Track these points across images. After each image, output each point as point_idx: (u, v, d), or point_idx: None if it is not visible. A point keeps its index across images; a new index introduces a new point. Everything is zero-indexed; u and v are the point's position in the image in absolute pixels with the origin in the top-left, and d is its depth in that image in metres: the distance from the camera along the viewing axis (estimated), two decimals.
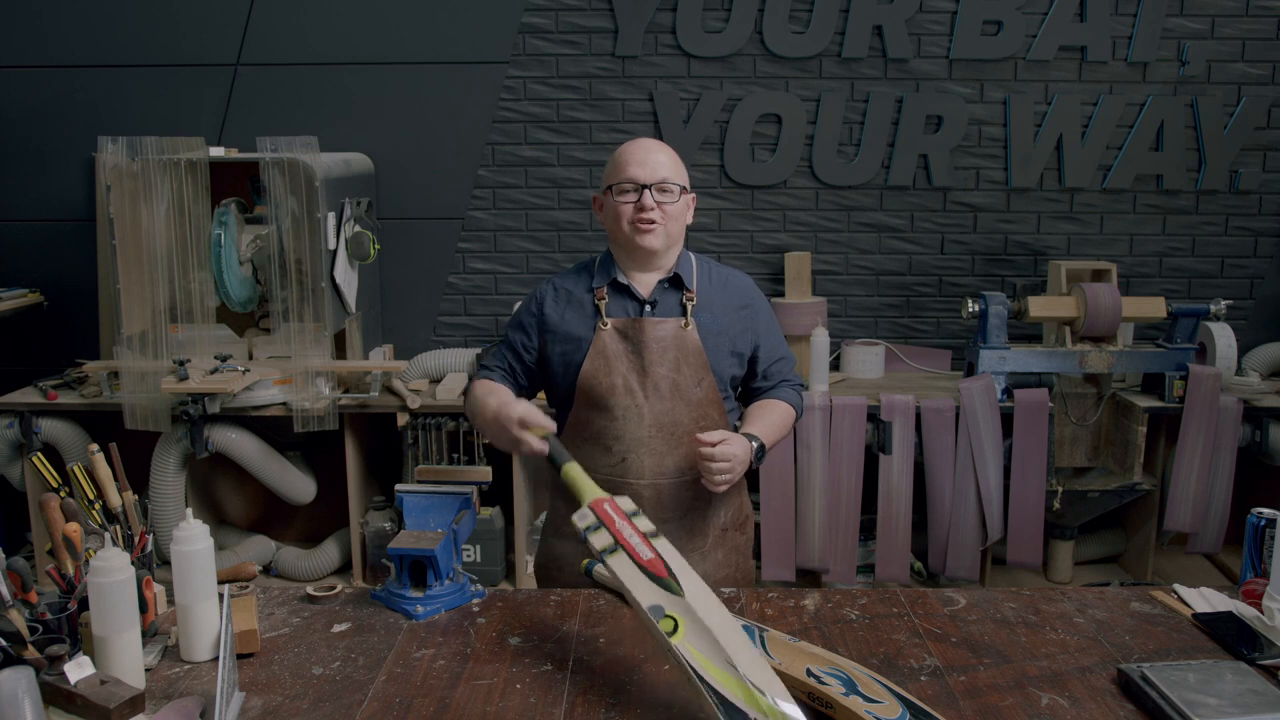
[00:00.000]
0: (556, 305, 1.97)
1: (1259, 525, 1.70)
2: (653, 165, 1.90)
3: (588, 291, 1.96)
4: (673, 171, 1.91)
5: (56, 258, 3.74)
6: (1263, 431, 3.27)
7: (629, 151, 1.92)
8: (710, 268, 2.02)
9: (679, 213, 1.93)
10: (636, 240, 1.90)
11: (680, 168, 1.95)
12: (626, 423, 1.90)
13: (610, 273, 1.96)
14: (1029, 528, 3.25)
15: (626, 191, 1.90)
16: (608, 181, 1.94)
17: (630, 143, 1.96)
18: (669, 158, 1.93)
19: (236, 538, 3.58)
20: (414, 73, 3.65)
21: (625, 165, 1.91)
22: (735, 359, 1.98)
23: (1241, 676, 1.40)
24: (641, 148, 1.92)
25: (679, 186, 1.92)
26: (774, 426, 1.96)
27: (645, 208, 1.88)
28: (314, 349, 3.24)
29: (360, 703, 1.40)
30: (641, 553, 1.50)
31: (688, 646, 1.36)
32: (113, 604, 1.38)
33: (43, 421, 3.27)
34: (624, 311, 1.94)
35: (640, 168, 1.89)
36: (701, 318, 1.94)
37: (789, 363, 2.08)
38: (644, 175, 1.89)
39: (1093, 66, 3.59)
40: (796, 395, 2.08)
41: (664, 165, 1.91)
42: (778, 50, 3.58)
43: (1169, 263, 3.72)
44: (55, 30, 3.65)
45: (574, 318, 1.95)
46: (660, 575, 1.46)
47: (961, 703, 1.40)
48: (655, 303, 1.94)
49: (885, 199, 3.70)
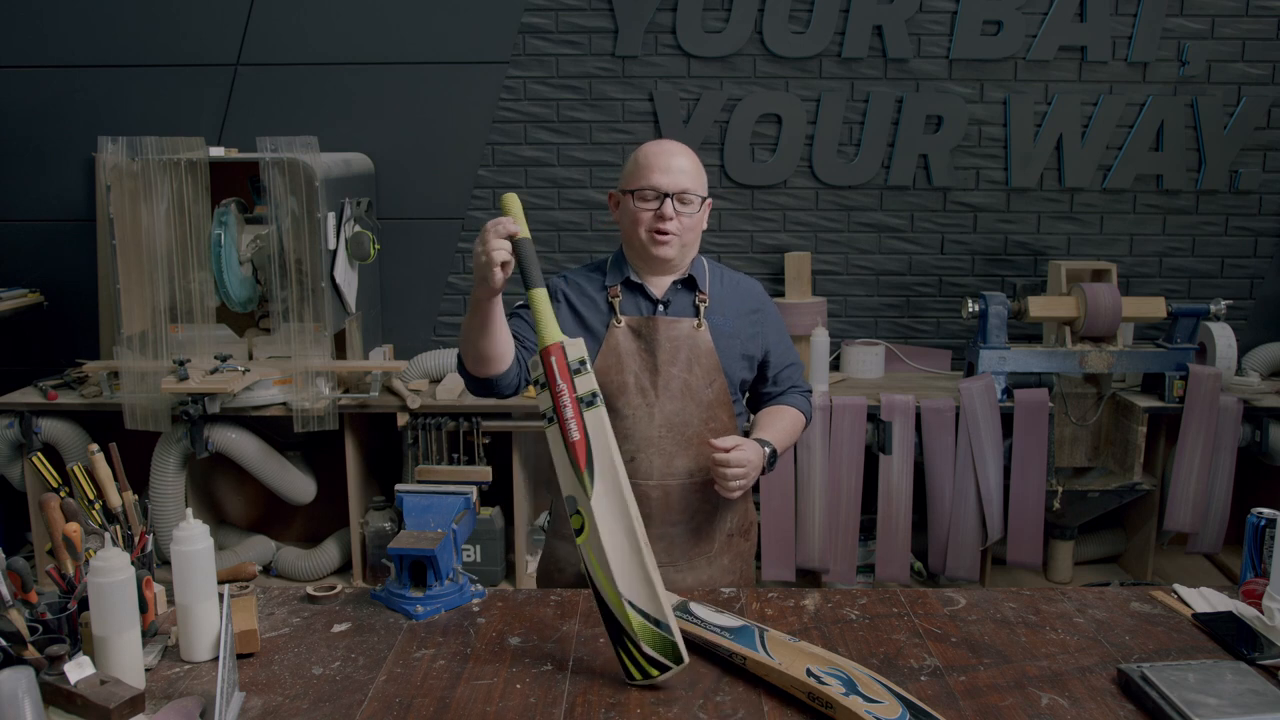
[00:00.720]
0: (569, 299, 1.95)
1: (1259, 525, 1.70)
2: (675, 174, 1.86)
3: (601, 290, 1.94)
4: (694, 181, 1.88)
5: (56, 258, 3.74)
6: (1263, 431, 3.27)
7: (652, 156, 1.88)
8: (721, 271, 2.02)
9: (696, 223, 1.92)
10: (652, 249, 1.88)
11: (701, 175, 1.92)
12: (636, 422, 1.89)
13: (623, 272, 1.95)
14: (1029, 528, 3.25)
15: (647, 199, 1.87)
16: (628, 184, 1.91)
17: (654, 145, 1.91)
18: (692, 165, 1.90)
19: (236, 538, 3.58)
20: (414, 73, 3.65)
21: (648, 171, 1.87)
22: (746, 362, 1.97)
23: (1241, 676, 1.40)
24: (665, 153, 1.88)
25: (699, 197, 1.90)
26: (785, 432, 1.97)
27: (665, 218, 1.86)
28: (314, 349, 3.24)
29: (360, 703, 1.40)
30: (570, 431, 1.53)
31: (588, 549, 1.49)
32: (113, 604, 1.38)
33: (43, 421, 3.27)
34: (637, 310, 1.93)
35: (663, 175, 1.86)
36: (714, 319, 1.93)
37: (798, 369, 2.08)
38: (666, 184, 1.85)
39: (1093, 66, 3.59)
40: (806, 402, 2.07)
41: (686, 174, 1.87)
42: (778, 50, 3.58)
43: (1169, 263, 3.72)
44: (55, 30, 3.65)
45: (588, 314, 1.93)
46: (579, 466, 1.52)
47: (961, 703, 1.40)
48: (668, 303, 1.93)
49: (885, 199, 3.70)
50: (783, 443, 1.94)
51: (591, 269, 2.01)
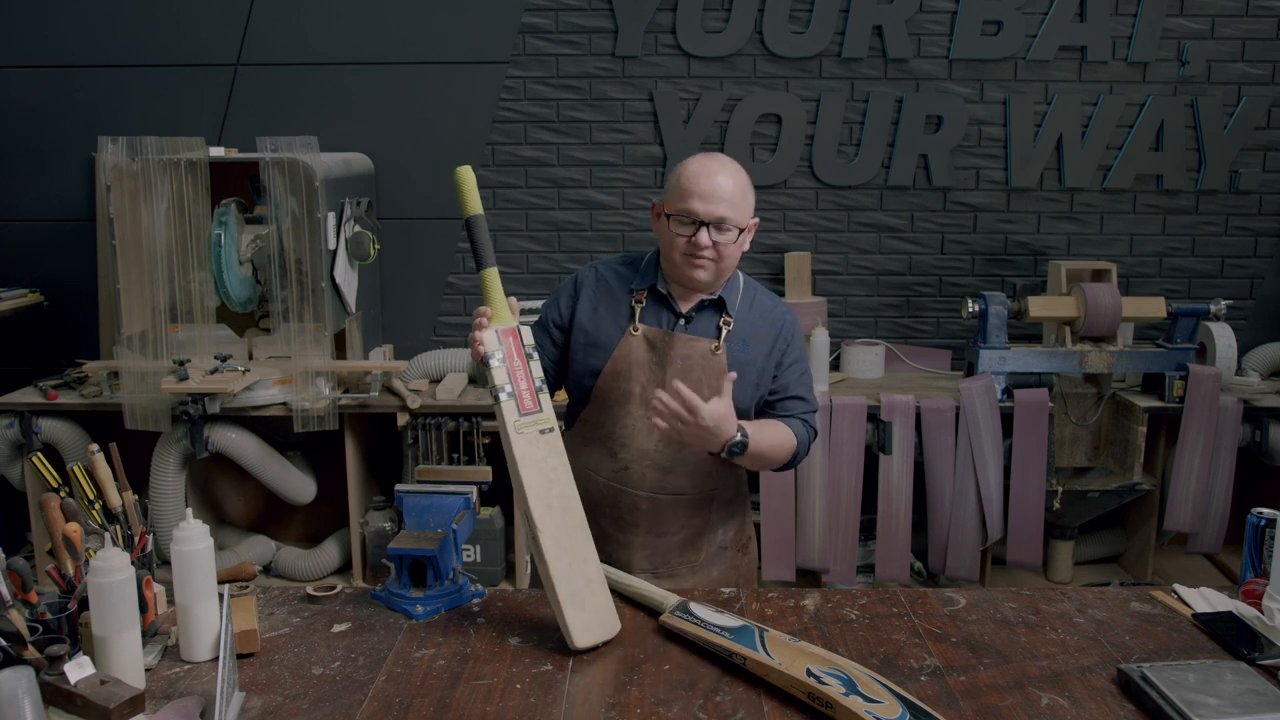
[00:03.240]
0: (593, 295, 1.92)
1: (1259, 525, 1.70)
2: (714, 200, 1.78)
3: (627, 291, 1.91)
4: (733, 210, 1.79)
5: (56, 258, 3.74)
6: (1263, 431, 3.27)
7: (694, 179, 1.80)
8: (755, 294, 1.94)
9: (734, 250, 1.83)
10: (685, 271, 1.83)
11: (744, 201, 1.83)
12: (635, 432, 1.87)
13: (653, 278, 1.90)
14: (1029, 528, 3.25)
15: (684, 224, 1.80)
16: (668, 204, 1.84)
17: (697, 164, 1.82)
18: (734, 189, 1.80)
19: (236, 538, 3.58)
20: (414, 73, 3.65)
21: (688, 195, 1.79)
22: (756, 393, 1.90)
23: (1241, 676, 1.40)
24: (708, 175, 1.79)
25: (738, 228, 1.81)
26: (767, 440, 1.81)
27: (700, 246, 1.79)
28: (314, 349, 3.24)
29: (360, 703, 1.40)
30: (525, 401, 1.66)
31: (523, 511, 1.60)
32: (113, 604, 1.38)
33: (43, 421, 3.27)
34: (658, 321, 1.88)
35: (702, 202, 1.78)
36: (732, 344, 1.87)
37: (803, 403, 1.93)
38: (704, 211, 1.78)
39: (1093, 66, 3.59)
40: (805, 431, 1.92)
41: (725, 202, 1.78)
42: (778, 50, 3.58)
43: (1169, 263, 3.72)
44: (55, 30, 3.65)
45: (606, 315, 1.90)
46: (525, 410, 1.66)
47: (961, 703, 1.40)
48: (691, 319, 1.88)
49: (885, 199, 3.69)
50: (759, 444, 1.77)
51: (625, 263, 1.95)
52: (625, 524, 1.89)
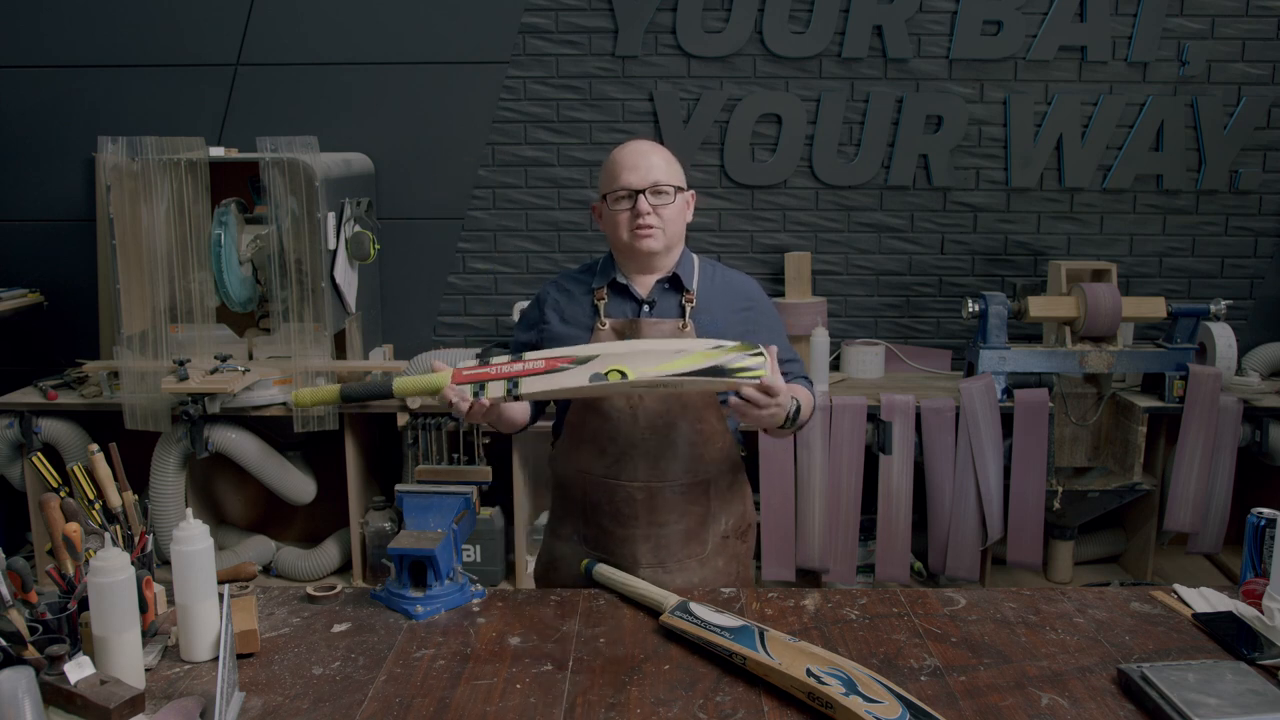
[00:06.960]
0: (558, 306, 1.97)
1: (1259, 525, 1.70)
2: (645, 169, 1.87)
3: (588, 292, 1.95)
4: (665, 173, 1.89)
5: (56, 258, 3.74)
6: (1263, 431, 3.27)
7: (620, 157, 1.90)
8: (713, 270, 2.00)
9: (676, 214, 1.91)
10: (636, 245, 1.88)
11: (674, 167, 1.92)
12: (620, 424, 1.88)
13: (610, 273, 1.95)
14: (1029, 528, 3.25)
15: (621, 199, 1.88)
16: (603, 190, 1.93)
17: (621, 148, 1.93)
18: (662, 158, 1.90)
19: (236, 538, 3.58)
20: (414, 73, 3.65)
21: (618, 172, 1.89)
22: None
23: (1241, 676, 1.40)
24: (633, 152, 1.90)
25: (674, 187, 1.89)
26: (803, 399, 1.86)
27: (641, 213, 1.86)
28: (314, 349, 3.24)
29: (360, 703, 1.40)
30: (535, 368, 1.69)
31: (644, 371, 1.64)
32: (113, 604, 1.38)
33: (43, 421, 3.27)
34: (622, 312, 1.93)
35: (633, 173, 1.87)
36: (701, 319, 1.92)
37: (797, 364, 2.02)
38: (637, 180, 1.86)
39: (1093, 66, 3.59)
40: (811, 389, 2.00)
41: (656, 167, 1.88)
42: (778, 50, 3.58)
43: (1169, 263, 3.72)
44: (55, 30, 3.65)
45: (573, 318, 1.94)
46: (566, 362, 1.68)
47: (961, 703, 1.40)
48: (654, 303, 1.93)
49: (885, 199, 3.70)
50: (802, 403, 1.84)
51: (583, 270, 2.02)
52: (624, 518, 1.90)
